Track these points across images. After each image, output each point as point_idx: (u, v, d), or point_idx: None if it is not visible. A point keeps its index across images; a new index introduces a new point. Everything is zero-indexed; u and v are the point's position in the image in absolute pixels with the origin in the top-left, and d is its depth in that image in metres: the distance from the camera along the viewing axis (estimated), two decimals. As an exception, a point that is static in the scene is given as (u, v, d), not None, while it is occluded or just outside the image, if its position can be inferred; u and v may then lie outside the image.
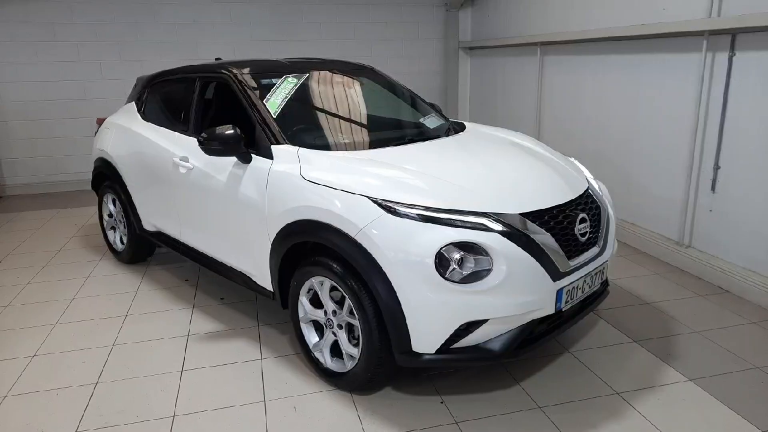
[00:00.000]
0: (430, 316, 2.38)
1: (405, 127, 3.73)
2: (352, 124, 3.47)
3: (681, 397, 2.66)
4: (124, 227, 4.44)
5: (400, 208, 2.43)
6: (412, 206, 2.43)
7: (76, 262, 4.64)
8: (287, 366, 3.01)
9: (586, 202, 2.81)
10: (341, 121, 3.46)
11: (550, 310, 2.50)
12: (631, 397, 2.67)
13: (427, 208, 2.43)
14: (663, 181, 4.46)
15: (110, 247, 4.72)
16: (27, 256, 4.83)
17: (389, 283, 2.39)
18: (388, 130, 3.65)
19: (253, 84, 3.34)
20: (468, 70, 8.01)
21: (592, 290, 2.78)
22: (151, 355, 3.17)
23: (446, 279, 2.32)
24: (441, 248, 2.32)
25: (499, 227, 2.40)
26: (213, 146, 3.01)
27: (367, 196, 2.50)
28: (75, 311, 3.74)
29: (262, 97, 3.26)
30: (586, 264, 2.66)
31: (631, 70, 4.69)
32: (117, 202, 4.43)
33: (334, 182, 2.64)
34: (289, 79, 3.46)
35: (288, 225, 2.79)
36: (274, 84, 3.39)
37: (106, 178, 4.48)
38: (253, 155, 3.07)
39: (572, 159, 3.38)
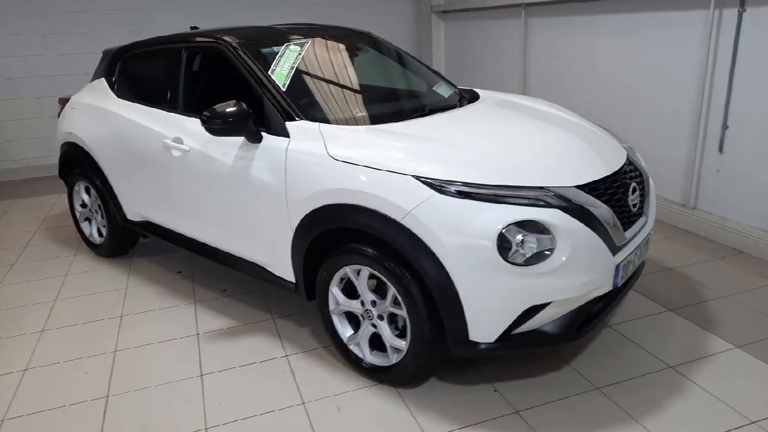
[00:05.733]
0: (492, 302, 2.19)
1: (421, 96, 3.45)
2: (367, 95, 3.19)
3: (735, 366, 2.59)
4: (102, 218, 4.03)
5: (451, 187, 2.21)
6: (465, 184, 2.21)
7: (49, 259, 4.20)
8: (317, 362, 2.78)
9: (631, 169, 2.67)
10: (355, 92, 3.17)
11: (608, 286, 2.36)
12: (685, 369, 2.58)
13: (481, 186, 2.21)
14: (666, 144, 4.40)
15: (86, 240, 4.29)
16: (-11, 255, 4.36)
17: (443, 269, 2.19)
18: (405, 100, 3.38)
19: (254, 54, 3.00)
20: (441, 35, 7.72)
21: (640, 262, 2.67)
22: (161, 360, 2.87)
23: (508, 261, 2.13)
24: (502, 229, 2.13)
25: (559, 202, 2.22)
26: (218, 125, 2.68)
27: (412, 175, 2.26)
28: (61, 315, 3.37)
29: (266, 68, 2.93)
30: (636, 235, 2.54)
31: (628, 30, 4.55)
32: (92, 191, 4.01)
33: (370, 160, 2.38)
34: (292, 47, 3.14)
35: (315, 211, 2.53)
36: (276, 53, 3.07)
37: (77, 164, 4.03)
38: (263, 134, 2.77)
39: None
